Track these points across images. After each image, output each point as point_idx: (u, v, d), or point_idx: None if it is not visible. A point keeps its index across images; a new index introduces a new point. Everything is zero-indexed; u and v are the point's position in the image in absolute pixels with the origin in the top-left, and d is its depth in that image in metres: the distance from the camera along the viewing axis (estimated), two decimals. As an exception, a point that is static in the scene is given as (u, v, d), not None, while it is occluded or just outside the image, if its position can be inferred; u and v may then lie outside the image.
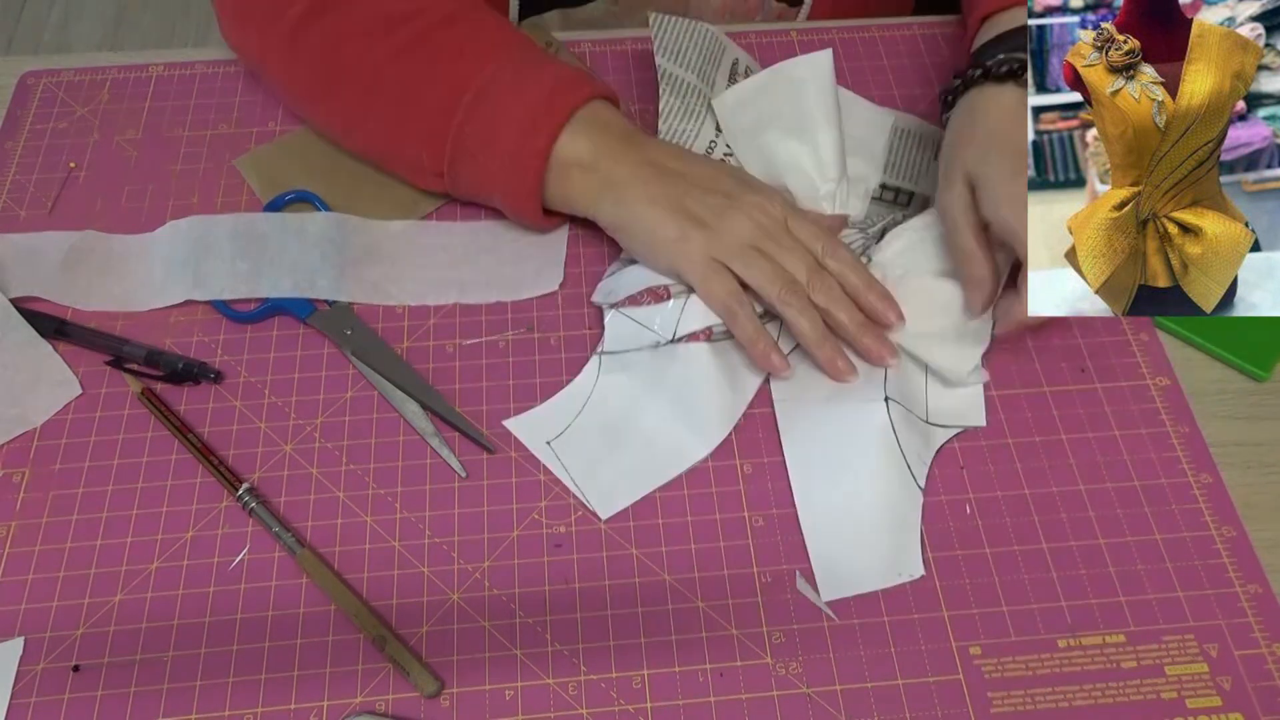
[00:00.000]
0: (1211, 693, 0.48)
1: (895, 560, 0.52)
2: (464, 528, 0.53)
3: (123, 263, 0.62)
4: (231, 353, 0.59)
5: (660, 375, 0.56)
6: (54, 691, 0.48)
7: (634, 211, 0.58)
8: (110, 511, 0.54)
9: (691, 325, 0.56)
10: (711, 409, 0.56)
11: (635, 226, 0.58)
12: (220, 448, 0.55)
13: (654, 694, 0.48)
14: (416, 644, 0.50)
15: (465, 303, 0.61)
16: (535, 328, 0.60)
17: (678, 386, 0.56)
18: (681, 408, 0.56)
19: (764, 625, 0.50)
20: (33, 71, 0.72)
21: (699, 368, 0.56)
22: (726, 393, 0.56)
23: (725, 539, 0.53)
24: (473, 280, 0.62)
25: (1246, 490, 0.54)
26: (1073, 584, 0.51)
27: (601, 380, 0.57)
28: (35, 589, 0.51)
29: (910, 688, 0.48)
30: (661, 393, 0.56)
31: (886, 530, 0.52)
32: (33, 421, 0.56)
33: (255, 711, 0.48)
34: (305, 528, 0.53)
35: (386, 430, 0.56)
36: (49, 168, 0.67)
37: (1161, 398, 0.57)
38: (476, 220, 0.64)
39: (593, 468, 0.55)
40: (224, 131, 0.69)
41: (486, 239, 0.63)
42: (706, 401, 0.56)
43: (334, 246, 0.61)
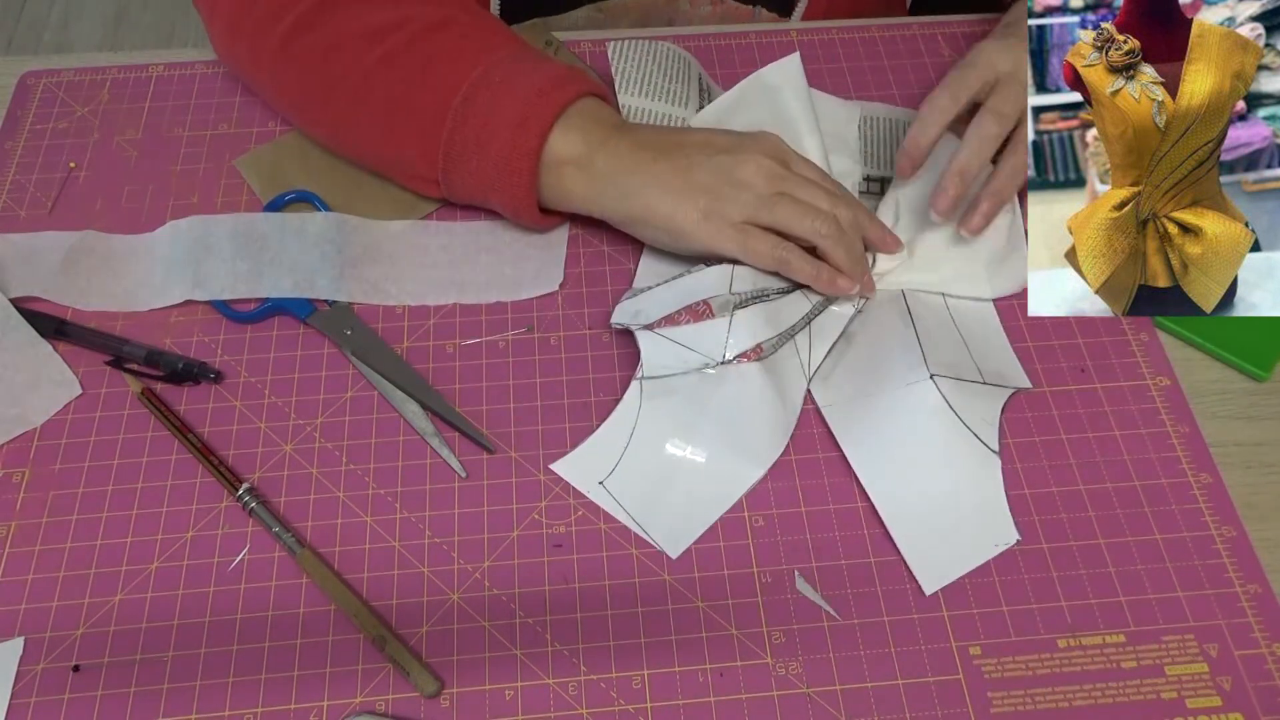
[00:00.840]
0: (1211, 693, 0.48)
1: (988, 531, 0.52)
2: (464, 528, 0.53)
3: (123, 263, 0.62)
4: (231, 353, 0.59)
5: (709, 398, 0.54)
6: (54, 691, 0.48)
7: (644, 202, 0.58)
8: (110, 511, 0.54)
9: (743, 344, 0.54)
10: (765, 428, 0.55)
11: (651, 217, 0.58)
12: (220, 448, 0.55)
13: (654, 694, 0.48)
14: (416, 644, 0.50)
15: (465, 303, 0.61)
16: (535, 328, 0.60)
17: (729, 408, 0.54)
18: (735, 430, 0.54)
19: (764, 625, 0.50)
20: (33, 71, 0.72)
21: (753, 388, 0.54)
22: (779, 409, 0.55)
23: (725, 539, 0.53)
24: (473, 280, 0.62)
25: (1246, 490, 0.54)
26: (1073, 584, 0.51)
27: (645, 408, 0.55)
28: (35, 589, 0.51)
29: (910, 688, 0.48)
30: (712, 415, 0.54)
31: (971, 507, 0.52)
32: (33, 421, 0.56)
33: (255, 711, 0.48)
34: (305, 528, 0.53)
35: (386, 430, 0.56)
36: (49, 168, 0.67)
37: (1161, 398, 0.57)
38: (476, 220, 0.64)
39: (652, 505, 0.53)
40: (224, 131, 0.69)
41: (486, 239, 0.63)
42: (761, 421, 0.55)
43: (334, 246, 0.61)
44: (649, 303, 0.57)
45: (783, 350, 0.56)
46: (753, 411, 0.54)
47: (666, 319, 0.55)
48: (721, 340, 0.54)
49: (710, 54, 0.73)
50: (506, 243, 0.63)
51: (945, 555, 0.51)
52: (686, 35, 0.74)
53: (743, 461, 0.54)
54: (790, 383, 0.56)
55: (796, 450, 0.55)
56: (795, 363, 0.57)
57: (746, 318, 0.55)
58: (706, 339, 0.55)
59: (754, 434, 0.54)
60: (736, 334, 0.54)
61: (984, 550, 0.51)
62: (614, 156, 0.58)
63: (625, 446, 0.55)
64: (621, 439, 0.55)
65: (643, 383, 0.55)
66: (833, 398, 0.56)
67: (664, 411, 0.55)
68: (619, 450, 0.55)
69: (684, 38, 0.74)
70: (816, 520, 0.53)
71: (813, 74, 0.71)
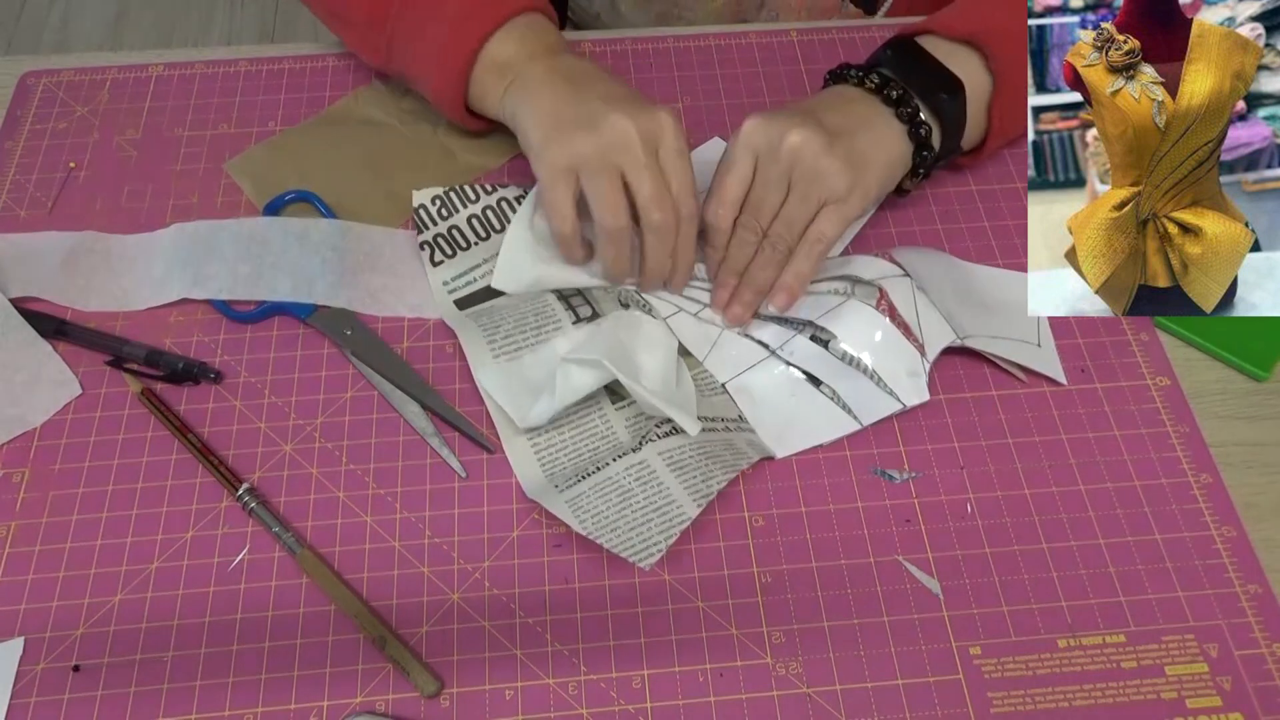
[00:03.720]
0: (1211, 693, 0.48)
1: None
2: (464, 528, 0.53)
3: (122, 262, 0.62)
4: (231, 353, 0.59)
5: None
6: (54, 691, 0.48)
7: (525, 109, 0.58)
8: (110, 511, 0.54)
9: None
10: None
11: (520, 123, 0.58)
12: (220, 448, 0.55)
13: (654, 694, 0.48)
14: (416, 644, 0.50)
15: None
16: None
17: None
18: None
19: (764, 625, 0.50)
20: (33, 71, 0.72)
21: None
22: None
23: (725, 539, 0.53)
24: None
25: (1246, 490, 0.54)
26: (1073, 584, 0.51)
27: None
28: (35, 589, 0.51)
29: (910, 688, 0.48)
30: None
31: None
32: (33, 421, 0.56)
33: (255, 711, 0.48)
34: (305, 528, 0.53)
35: (386, 430, 0.56)
36: (49, 168, 0.67)
37: (1161, 398, 0.57)
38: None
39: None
40: (224, 131, 0.69)
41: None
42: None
43: (335, 253, 0.61)
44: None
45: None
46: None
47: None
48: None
49: (710, 54, 0.73)
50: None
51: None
52: (687, 35, 0.74)
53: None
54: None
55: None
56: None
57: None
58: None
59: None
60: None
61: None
62: (533, 69, 0.59)
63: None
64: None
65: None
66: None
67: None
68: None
69: (684, 38, 0.73)
70: (816, 520, 0.53)
71: (813, 75, 0.71)
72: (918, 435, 0.56)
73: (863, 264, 0.58)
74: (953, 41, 0.60)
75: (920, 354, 0.55)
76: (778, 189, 0.56)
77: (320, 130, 0.69)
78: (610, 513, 0.51)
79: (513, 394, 0.55)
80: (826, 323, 0.56)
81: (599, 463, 0.53)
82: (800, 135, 0.54)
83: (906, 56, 0.60)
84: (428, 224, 0.62)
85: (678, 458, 0.53)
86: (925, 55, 0.60)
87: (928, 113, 0.58)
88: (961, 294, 0.59)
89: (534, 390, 0.55)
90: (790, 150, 0.54)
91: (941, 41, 0.60)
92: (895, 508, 0.54)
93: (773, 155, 0.55)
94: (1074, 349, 0.59)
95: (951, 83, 0.58)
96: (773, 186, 0.55)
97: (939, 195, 0.65)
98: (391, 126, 0.68)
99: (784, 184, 0.55)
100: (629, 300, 0.59)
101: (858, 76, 0.60)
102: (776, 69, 0.72)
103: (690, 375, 0.57)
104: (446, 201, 0.62)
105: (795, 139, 0.54)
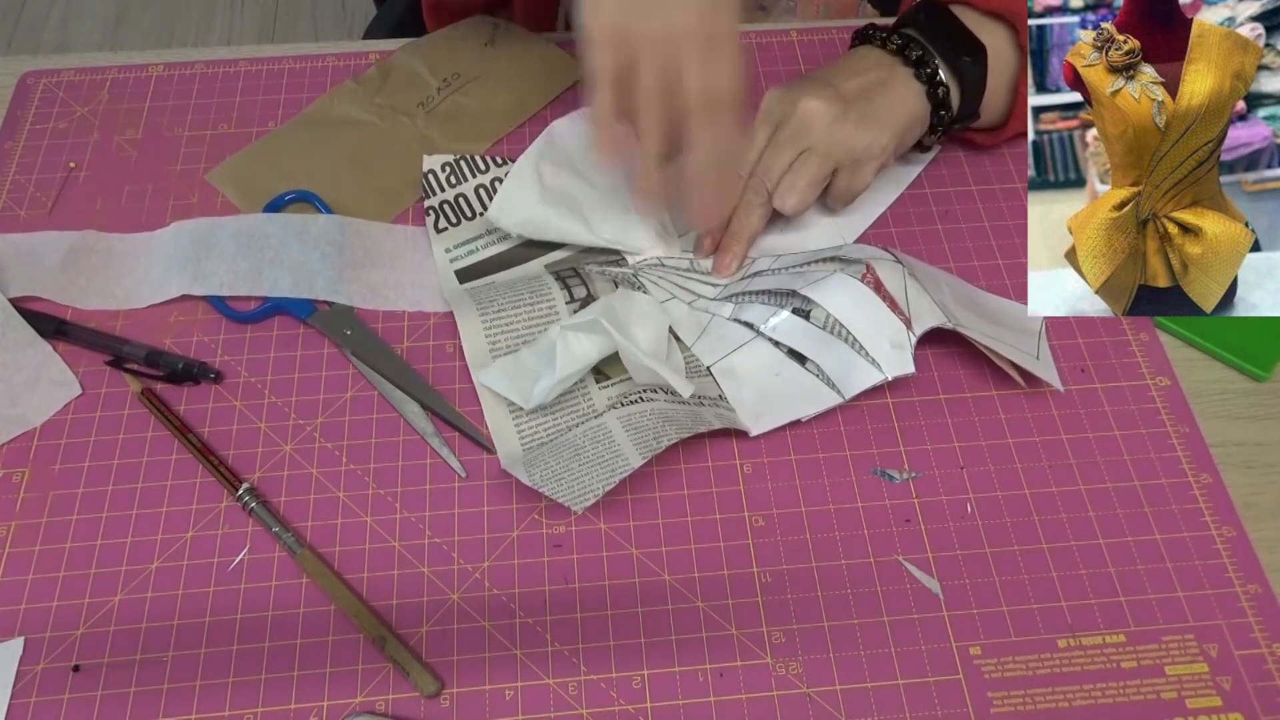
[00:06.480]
0: (1211, 693, 0.48)
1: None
2: (464, 528, 0.53)
3: (122, 262, 0.62)
4: (231, 353, 0.59)
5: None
6: (54, 691, 0.48)
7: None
8: (110, 511, 0.54)
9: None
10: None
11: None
12: (220, 448, 0.55)
13: (654, 694, 0.48)
14: (416, 644, 0.50)
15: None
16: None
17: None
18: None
19: (764, 625, 0.50)
20: (33, 71, 0.72)
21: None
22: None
23: (725, 539, 0.53)
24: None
25: (1246, 490, 0.54)
26: (1073, 584, 0.51)
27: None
28: (35, 589, 0.51)
29: (910, 688, 0.48)
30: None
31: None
32: (33, 421, 0.56)
33: (255, 711, 0.48)
34: (305, 528, 0.53)
35: (386, 430, 0.56)
36: (49, 168, 0.67)
37: (1161, 398, 0.57)
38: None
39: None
40: (224, 131, 0.69)
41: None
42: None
43: (335, 248, 0.61)
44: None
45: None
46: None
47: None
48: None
49: (710, 54, 0.73)
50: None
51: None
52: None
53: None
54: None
55: (797, 450, 0.55)
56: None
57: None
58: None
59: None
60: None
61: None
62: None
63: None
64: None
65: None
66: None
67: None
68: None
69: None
70: (816, 520, 0.53)
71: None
72: (918, 435, 0.56)
73: (855, 249, 0.59)
74: (983, 14, 0.61)
75: (906, 327, 0.55)
76: (787, 151, 0.58)
77: (299, 132, 0.68)
78: (559, 467, 0.52)
79: (514, 382, 0.56)
80: (810, 292, 0.55)
81: (566, 430, 0.54)
82: (813, 103, 0.57)
83: (936, 18, 0.61)
84: (435, 190, 0.63)
85: (636, 421, 0.53)
86: (954, 19, 0.61)
87: (948, 74, 0.60)
88: (962, 300, 0.58)
89: (535, 377, 0.55)
90: (802, 117, 0.57)
91: (972, 12, 0.61)
92: (895, 508, 0.54)
93: (786, 122, 0.58)
94: (1074, 349, 0.59)
95: (974, 46, 0.60)
96: (782, 149, 0.58)
97: (939, 195, 0.65)
98: (370, 123, 0.68)
99: (793, 148, 0.58)
100: (622, 280, 0.60)
101: (881, 38, 0.62)
102: (777, 69, 0.72)
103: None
104: (456, 169, 0.63)
105: (808, 106, 0.57)
